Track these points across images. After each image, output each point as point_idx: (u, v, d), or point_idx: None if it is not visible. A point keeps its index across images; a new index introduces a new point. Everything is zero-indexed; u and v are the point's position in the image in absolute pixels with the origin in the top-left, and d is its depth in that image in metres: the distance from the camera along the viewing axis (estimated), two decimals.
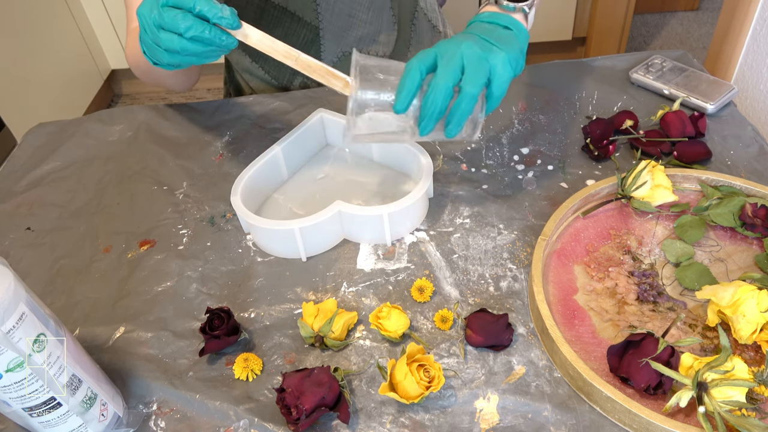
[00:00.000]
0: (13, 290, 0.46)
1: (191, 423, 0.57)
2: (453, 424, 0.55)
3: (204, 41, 0.59)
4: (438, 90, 0.57)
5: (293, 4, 0.88)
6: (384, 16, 0.91)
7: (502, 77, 0.60)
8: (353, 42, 0.92)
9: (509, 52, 0.60)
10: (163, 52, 0.61)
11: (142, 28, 0.62)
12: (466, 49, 0.58)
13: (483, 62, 0.59)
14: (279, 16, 0.89)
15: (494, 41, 0.61)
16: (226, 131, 0.89)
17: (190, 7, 0.58)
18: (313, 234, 0.68)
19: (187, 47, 0.59)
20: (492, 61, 0.59)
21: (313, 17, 0.89)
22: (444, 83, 0.57)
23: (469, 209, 0.74)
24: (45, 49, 2.10)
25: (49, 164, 0.88)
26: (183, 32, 0.58)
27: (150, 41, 0.61)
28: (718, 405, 0.50)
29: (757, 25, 1.31)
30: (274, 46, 0.61)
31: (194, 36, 0.58)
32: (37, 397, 0.48)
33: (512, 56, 0.60)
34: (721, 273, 0.64)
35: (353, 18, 0.90)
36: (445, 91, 0.58)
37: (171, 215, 0.77)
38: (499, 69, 0.59)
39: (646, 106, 0.86)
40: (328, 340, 0.60)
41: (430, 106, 0.58)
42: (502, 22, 0.64)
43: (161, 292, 0.68)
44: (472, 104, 0.59)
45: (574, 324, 0.61)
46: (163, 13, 0.58)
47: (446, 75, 0.57)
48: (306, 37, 0.91)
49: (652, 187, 0.68)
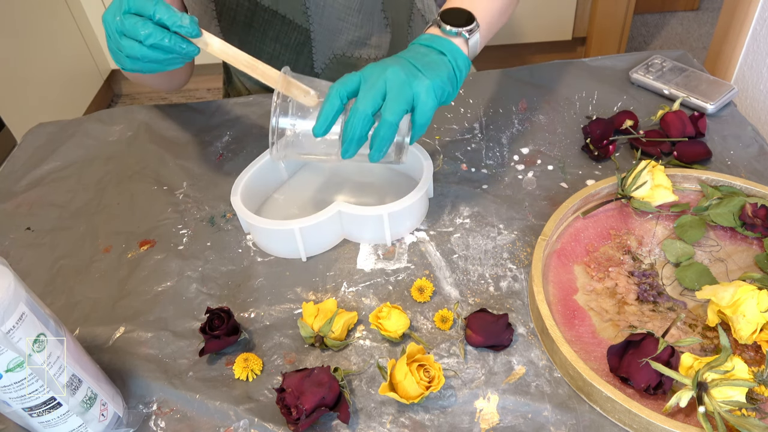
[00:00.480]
0: (13, 290, 0.46)
1: (191, 423, 0.57)
2: (453, 424, 0.55)
3: (164, 49, 0.59)
4: (357, 116, 0.57)
5: (284, 7, 0.88)
6: (375, 19, 0.91)
7: (426, 105, 0.59)
8: (344, 45, 0.92)
9: (433, 80, 0.59)
10: (125, 58, 0.61)
11: (107, 34, 0.62)
12: (390, 74, 0.58)
13: (406, 89, 0.58)
14: (270, 19, 0.89)
15: (421, 67, 0.60)
16: (226, 131, 0.89)
17: (150, 14, 0.58)
18: (313, 234, 0.68)
19: (147, 54, 0.59)
20: (416, 89, 0.58)
21: (303, 20, 0.89)
22: (363, 109, 0.57)
23: (469, 209, 0.74)
24: (45, 49, 2.10)
25: (49, 164, 0.88)
26: (143, 39, 0.58)
27: (114, 47, 0.62)
28: (718, 405, 0.50)
29: (757, 25, 1.31)
30: (235, 55, 0.62)
31: (154, 44, 0.58)
32: (37, 397, 0.48)
33: (436, 84, 0.59)
34: (721, 273, 0.64)
35: (343, 21, 0.90)
36: (364, 118, 0.57)
37: (171, 215, 0.77)
38: (422, 97, 0.59)
39: (646, 106, 0.86)
40: (328, 340, 0.60)
41: (350, 132, 0.58)
42: (437, 47, 0.63)
43: (161, 292, 0.68)
44: (392, 131, 0.58)
45: (574, 324, 0.61)
46: (125, 20, 0.58)
47: (366, 101, 0.57)
48: (297, 39, 0.91)
49: (652, 187, 0.68)
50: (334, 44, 0.92)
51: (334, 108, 0.58)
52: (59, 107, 2.16)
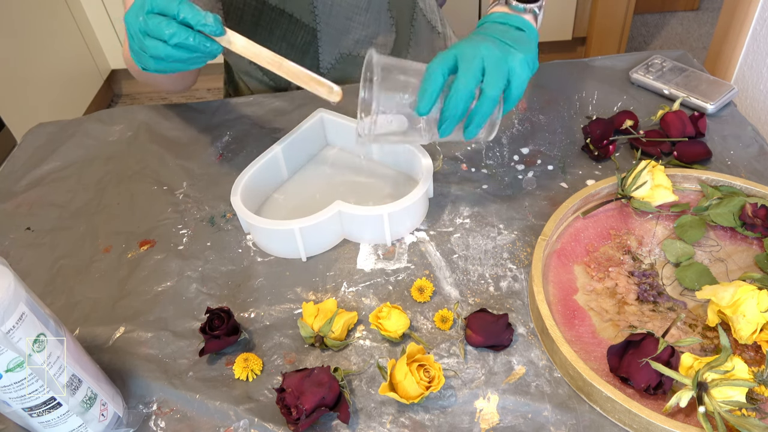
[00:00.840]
0: (13, 290, 0.46)
1: (191, 423, 0.57)
2: (453, 424, 0.55)
3: (188, 48, 0.59)
4: (460, 93, 0.58)
5: (291, 6, 0.88)
6: (381, 18, 0.91)
7: (521, 78, 0.60)
8: (351, 44, 0.92)
9: (526, 54, 0.60)
10: (149, 58, 0.61)
11: (129, 34, 0.62)
12: (485, 51, 0.59)
13: (503, 64, 0.59)
14: (277, 18, 0.89)
15: (511, 42, 0.61)
16: (226, 131, 0.89)
17: (174, 14, 0.58)
18: (313, 234, 0.68)
19: (171, 54, 0.59)
20: (511, 63, 0.60)
21: (310, 19, 0.89)
22: (466, 86, 0.58)
23: (469, 209, 0.74)
24: (45, 49, 2.10)
25: (49, 164, 0.88)
26: (167, 39, 0.58)
27: (137, 48, 0.62)
28: (718, 405, 0.50)
29: (757, 25, 1.31)
30: (258, 52, 0.62)
31: (179, 43, 0.58)
32: (37, 397, 0.48)
33: (529, 57, 0.61)
34: (721, 273, 0.64)
35: (351, 21, 0.90)
36: (468, 94, 0.58)
37: (171, 215, 0.77)
38: (518, 70, 0.60)
39: (646, 106, 0.86)
40: (328, 340, 0.60)
41: (452, 109, 0.58)
42: (514, 23, 0.64)
43: (161, 292, 0.68)
44: (493, 107, 0.59)
45: (574, 324, 0.61)
46: (148, 20, 0.58)
47: (468, 78, 0.58)
48: (304, 38, 0.91)
49: (652, 187, 0.68)
50: (340, 43, 0.92)
51: (437, 85, 0.58)
52: (59, 107, 2.16)
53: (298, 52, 0.93)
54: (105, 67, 2.46)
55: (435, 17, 1.00)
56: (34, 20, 2.05)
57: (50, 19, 2.13)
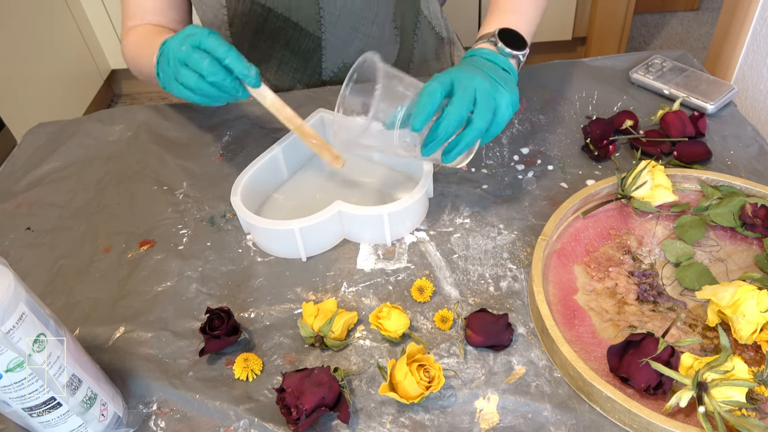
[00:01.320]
0: (13, 290, 0.46)
1: (191, 423, 0.57)
2: (453, 424, 0.55)
3: (221, 88, 0.62)
4: (453, 118, 0.59)
5: (297, 15, 0.88)
6: (386, 29, 0.92)
7: (504, 116, 0.62)
8: (354, 54, 0.92)
9: (512, 95, 0.63)
10: (178, 85, 0.63)
11: (165, 58, 0.64)
12: (479, 83, 0.61)
13: (491, 100, 0.61)
14: (282, 26, 0.89)
15: (499, 81, 0.63)
16: (226, 131, 0.89)
17: (220, 57, 0.61)
18: (313, 234, 0.68)
19: (202, 88, 0.62)
20: (499, 100, 0.62)
21: (316, 28, 0.89)
22: (459, 112, 0.59)
23: (469, 209, 0.74)
24: (45, 49, 2.10)
25: (49, 164, 0.88)
26: (205, 74, 0.61)
27: (170, 73, 0.64)
28: (718, 405, 0.50)
29: (757, 25, 1.31)
30: (281, 109, 0.65)
31: (214, 81, 0.61)
32: (37, 397, 0.48)
33: (515, 98, 0.63)
34: (721, 273, 0.64)
35: (356, 31, 0.90)
36: (460, 120, 0.60)
37: (171, 215, 0.77)
38: (503, 109, 0.62)
39: (646, 106, 0.86)
40: (328, 340, 0.60)
41: (441, 131, 0.60)
42: (501, 64, 0.66)
43: (161, 292, 0.68)
44: (477, 137, 0.61)
45: (574, 324, 0.61)
46: (192, 53, 0.61)
47: (463, 105, 0.59)
48: (308, 47, 0.92)
49: (652, 187, 0.68)
50: (344, 53, 0.93)
51: (435, 104, 0.59)
52: (59, 107, 2.16)
53: (300, 60, 0.93)
54: (105, 67, 2.46)
55: (439, 23, 1.00)
56: (34, 20, 2.05)
57: (50, 19, 2.13)
